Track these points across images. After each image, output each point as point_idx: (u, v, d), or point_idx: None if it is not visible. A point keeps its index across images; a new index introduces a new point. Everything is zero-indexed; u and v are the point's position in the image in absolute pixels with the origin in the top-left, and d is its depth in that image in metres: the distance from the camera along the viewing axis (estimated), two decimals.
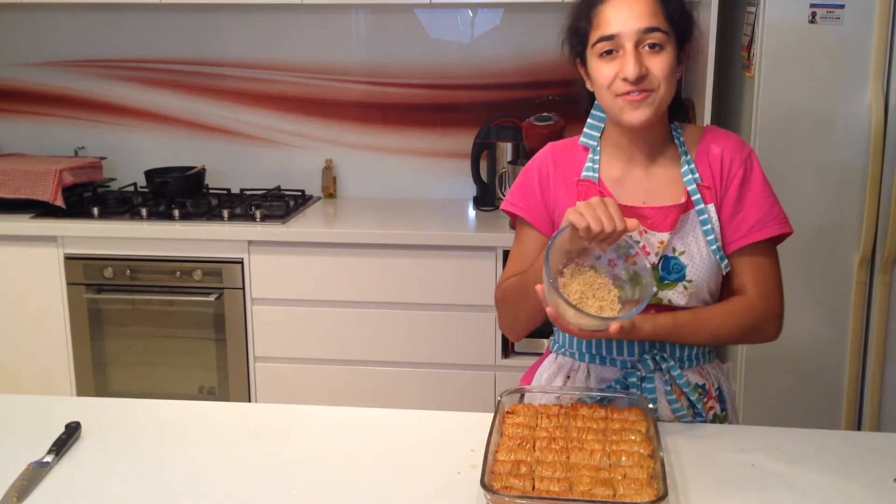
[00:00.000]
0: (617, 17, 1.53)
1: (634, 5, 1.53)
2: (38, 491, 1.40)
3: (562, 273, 1.49)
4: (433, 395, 3.05)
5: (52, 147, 3.60)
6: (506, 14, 3.38)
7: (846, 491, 1.39)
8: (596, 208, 1.44)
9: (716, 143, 1.65)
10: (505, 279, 1.71)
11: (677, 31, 1.57)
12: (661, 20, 1.53)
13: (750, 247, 1.63)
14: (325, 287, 3.03)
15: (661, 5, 1.54)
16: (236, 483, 1.43)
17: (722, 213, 1.63)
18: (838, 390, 2.75)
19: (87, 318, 3.13)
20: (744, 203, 1.63)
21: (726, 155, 1.64)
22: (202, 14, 3.47)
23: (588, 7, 1.58)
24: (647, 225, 1.61)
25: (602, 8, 1.55)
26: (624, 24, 1.52)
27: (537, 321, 1.65)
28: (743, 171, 1.63)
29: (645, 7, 1.53)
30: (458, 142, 3.46)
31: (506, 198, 1.74)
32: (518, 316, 1.68)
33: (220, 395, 3.15)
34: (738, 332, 1.64)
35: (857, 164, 2.60)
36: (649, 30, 1.52)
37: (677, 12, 1.56)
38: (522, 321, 1.68)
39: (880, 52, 2.53)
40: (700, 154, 1.65)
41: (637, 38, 1.52)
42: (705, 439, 1.56)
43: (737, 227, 1.63)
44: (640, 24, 1.52)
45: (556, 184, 1.67)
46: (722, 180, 1.63)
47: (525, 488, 1.31)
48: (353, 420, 1.67)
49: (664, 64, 1.53)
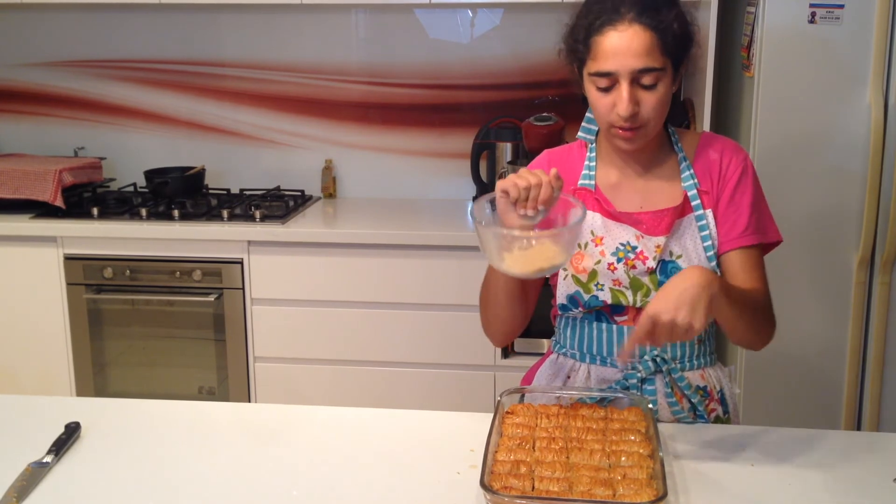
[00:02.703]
0: (614, 52, 1.51)
1: (633, 42, 1.51)
2: (37, 491, 1.40)
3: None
4: (433, 395, 3.05)
5: (52, 147, 3.60)
6: (505, 14, 3.38)
7: (846, 491, 1.39)
8: (520, 174, 1.49)
9: (713, 148, 1.67)
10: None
11: (674, 59, 1.56)
12: (656, 57, 1.52)
13: (741, 252, 1.63)
14: (324, 287, 3.03)
15: (659, 39, 1.52)
16: (236, 483, 1.43)
17: (717, 215, 1.63)
18: (838, 390, 2.75)
19: (87, 318, 3.13)
20: (738, 205, 1.63)
21: (724, 158, 1.65)
22: (202, 14, 3.47)
23: (586, 34, 1.56)
24: (643, 230, 1.61)
25: (600, 39, 1.53)
26: (621, 63, 1.51)
27: (507, 320, 1.69)
28: (739, 173, 1.64)
29: (642, 44, 1.51)
30: (458, 142, 3.46)
31: None
32: (487, 314, 1.71)
33: (219, 396, 3.15)
34: (763, 320, 1.61)
35: (857, 164, 2.60)
36: (644, 70, 1.52)
37: (674, 42, 1.55)
38: (492, 319, 1.71)
39: (880, 52, 2.53)
40: (698, 159, 1.66)
41: (632, 76, 1.52)
42: (705, 439, 1.56)
43: (729, 229, 1.63)
44: (636, 65, 1.51)
45: None
46: (719, 182, 1.64)
47: (525, 488, 1.31)
48: (353, 420, 1.67)
49: (656, 101, 1.54)
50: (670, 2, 1.56)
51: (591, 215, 1.64)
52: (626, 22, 1.51)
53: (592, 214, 1.64)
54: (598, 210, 1.65)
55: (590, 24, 1.55)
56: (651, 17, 1.51)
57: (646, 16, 1.51)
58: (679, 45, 1.56)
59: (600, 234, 1.64)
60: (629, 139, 1.57)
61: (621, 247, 1.62)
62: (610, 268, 1.62)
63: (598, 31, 1.53)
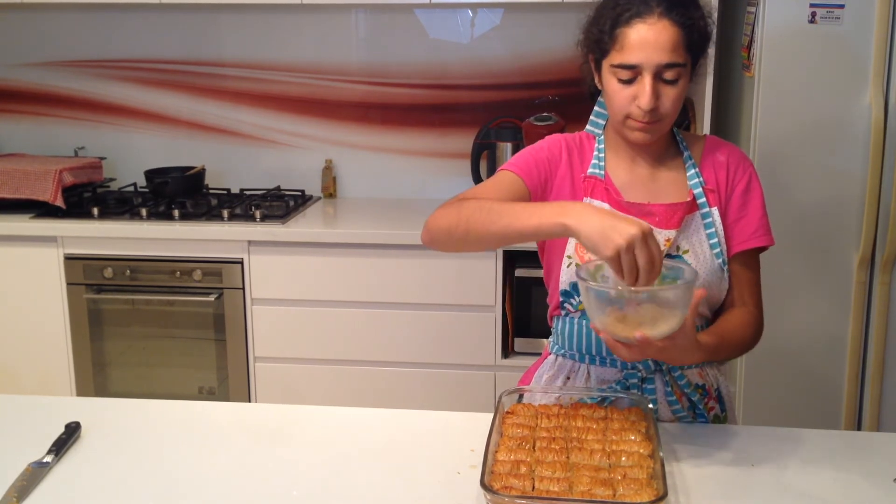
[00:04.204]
0: (641, 45, 1.52)
1: (660, 35, 1.51)
2: (37, 491, 1.40)
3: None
4: (433, 395, 3.05)
5: (52, 147, 3.60)
6: (505, 14, 3.38)
7: (846, 491, 1.39)
8: (635, 251, 1.35)
9: (720, 151, 1.70)
10: (465, 197, 1.60)
11: (695, 56, 1.58)
12: (681, 53, 1.53)
13: (745, 254, 1.66)
14: (324, 287, 3.03)
15: (684, 35, 1.53)
16: (236, 483, 1.43)
17: (728, 216, 1.66)
18: (838, 390, 2.75)
19: (87, 318, 3.13)
20: (748, 208, 1.67)
21: (732, 161, 1.68)
22: (202, 14, 3.47)
23: (613, 24, 1.55)
24: (654, 222, 1.62)
25: (627, 30, 1.53)
26: (647, 57, 1.52)
27: (474, 247, 1.57)
28: (747, 177, 1.68)
29: (669, 39, 1.52)
30: (458, 142, 3.46)
31: (507, 162, 1.70)
32: (455, 240, 1.56)
33: (219, 396, 3.15)
34: (748, 345, 1.65)
35: (857, 164, 2.60)
36: (670, 65, 1.53)
37: (698, 38, 1.57)
38: (456, 244, 1.57)
39: (880, 52, 2.53)
40: (706, 161, 1.69)
41: (656, 70, 1.53)
42: (705, 439, 1.56)
43: (742, 229, 1.66)
44: (662, 59, 1.52)
45: (564, 174, 1.67)
46: (727, 185, 1.67)
47: (525, 488, 1.31)
48: (353, 420, 1.67)
49: (677, 97, 1.56)
50: (696, 0, 1.58)
51: (600, 205, 1.64)
52: (655, 16, 1.52)
53: (601, 204, 1.64)
54: (608, 200, 1.64)
55: (618, 16, 1.55)
56: (680, 13, 1.53)
57: (675, 12, 1.53)
58: (701, 43, 1.58)
59: None
60: (645, 131, 1.58)
61: None
62: None
63: (627, 22, 1.53)
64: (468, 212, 1.53)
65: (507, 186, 1.65)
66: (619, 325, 1.38)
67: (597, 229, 1.36)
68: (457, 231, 1.54)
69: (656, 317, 1.37)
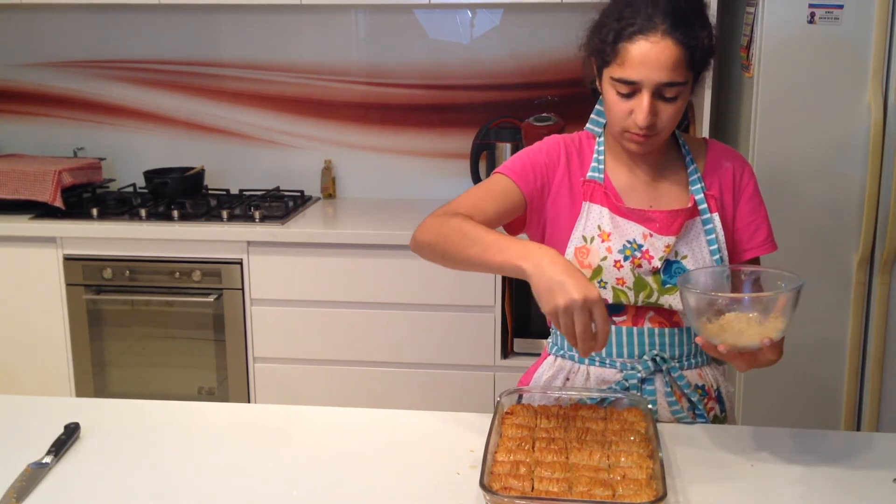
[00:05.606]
0: (642, 62, 1.50)
1: (661, 54, 1.49)
2: (37, 491, 1.40)
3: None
4: (433, 395, 3.05)
5: (52, 148, 3.60)
6: (505, 14, 3.38)
7: (846, 491, 1.39)
8: (573, 315, 1.37)
9: (725, 157, 1.70)
10: (454, 210, 1.59)
11: (697, 71, 1.56)
12: (682, 71, 1.52)
13: (754, 259, 1.69)
14: (324, 287, 3.03)
15: (687, 54, 1.51)
16: (236, 483, 1.43)
17: (737, 220, 1.67)
18: (837, 390, 2.75)
19: (87, 318, 3.13)
20: (758, 214, 1.69)
21: (737, 168, 1.69)
22: (202, 14, 3.46)
23: (616, 37, 1.53)
24: (655, 228, 1.62)
25: (629, 46, 1.51)
26: (647, 75, 1.50)
27: (452, 266, 1.58)
28: (753, 183, 1.69)
29: (670, 58, 1.50)
30: (458, 142, 3.46)
31: (504, 164, 1.68)
32: (442, 256, 1.57)
33: (219, 396, 3.15)
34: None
35: (856, 164, 2.60)
36: (669, 84, 1.51)
37: (701, 57, 1.54)
38: (440, 258, 1.58)
39: (879, 52, 2.53)
40: (710, 167, 1.69)
41: (656, 88, 1.52)
42: (705, 439, 1.56)
43: (751, 236, 1.68)
44: (662, 78, 1.50)
45: (562, 178, 1.67)
46: (734, 191, 1.68)
47: (524, 489, 1.31)
48: (352, 420, 1.67)
49: (675, 112, 1.56)
50: (703, 17, 1.55)
51: (599, 210, 1.64)
52: (658, 34, 1.50)
53: (601, 209, 1.64)
54: (607, 205, 1.64)
55: (621, 29, 1.53)
56: (684, 32, 1.50)
57: (679, 31, 1.50)
58: (704, 59, 1.56)
59: (608, 229, 1.63)
60: (641, 144, 1.58)
61: (628, 244, 1.62)
62: (616, 265, 1.61)
63: (629, 38, 1.51)
64: (447, 231, 1.55)
65: (502, 194, 1.64)
66: (744, 335, 1.42)
67: (545, 283, 1.37)
68: (436, 249, 1.57)
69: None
